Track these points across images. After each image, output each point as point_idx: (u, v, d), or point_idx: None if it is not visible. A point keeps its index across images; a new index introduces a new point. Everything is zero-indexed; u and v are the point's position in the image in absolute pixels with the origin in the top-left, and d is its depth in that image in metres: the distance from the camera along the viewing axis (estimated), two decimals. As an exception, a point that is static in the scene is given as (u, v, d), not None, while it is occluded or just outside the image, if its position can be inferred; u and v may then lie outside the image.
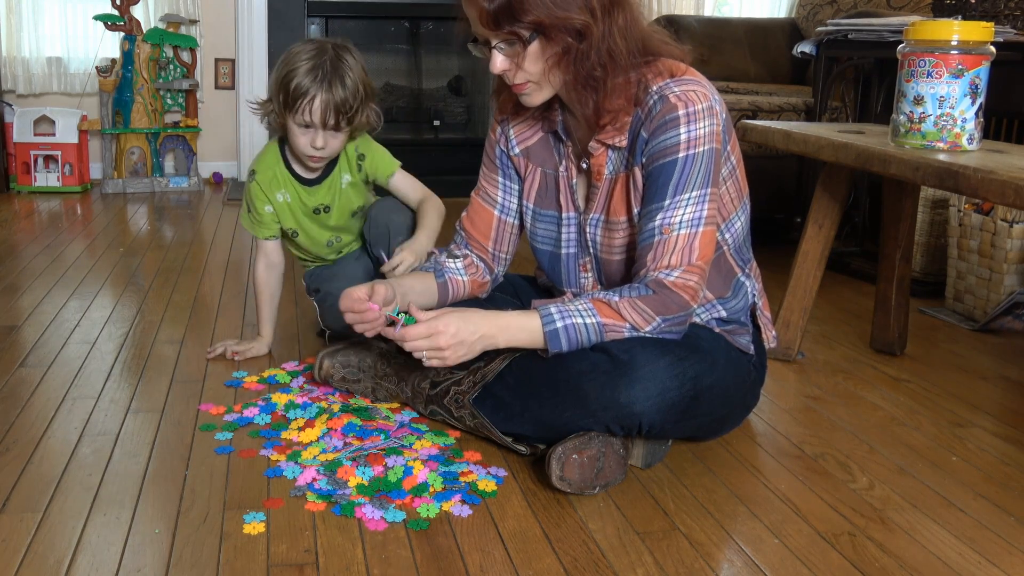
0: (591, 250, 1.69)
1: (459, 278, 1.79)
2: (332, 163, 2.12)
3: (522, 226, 1.81)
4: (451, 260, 1.80)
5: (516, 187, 1.79)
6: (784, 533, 1.45)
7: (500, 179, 1.79)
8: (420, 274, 1.77)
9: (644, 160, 1.56)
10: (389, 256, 1.95)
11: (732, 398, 1.65)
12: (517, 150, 1.75)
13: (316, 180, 2.12)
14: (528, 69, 1.53)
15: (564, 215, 1.71)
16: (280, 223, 2.14)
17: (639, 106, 1.56)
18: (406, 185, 2.16)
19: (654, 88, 1.55)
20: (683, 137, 1.52)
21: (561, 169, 1.69)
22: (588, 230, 1.68)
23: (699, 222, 1.55)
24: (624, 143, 1.59)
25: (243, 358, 2.13)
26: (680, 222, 1.54)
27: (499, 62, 1.52)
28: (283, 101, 1.95)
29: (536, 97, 1.58)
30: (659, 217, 1.55)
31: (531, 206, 1.76)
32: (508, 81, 1.57)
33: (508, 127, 1.76)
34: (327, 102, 1.93)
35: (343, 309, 1.63)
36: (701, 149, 1.53)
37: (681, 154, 1.53)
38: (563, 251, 1.73)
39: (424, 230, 2.05)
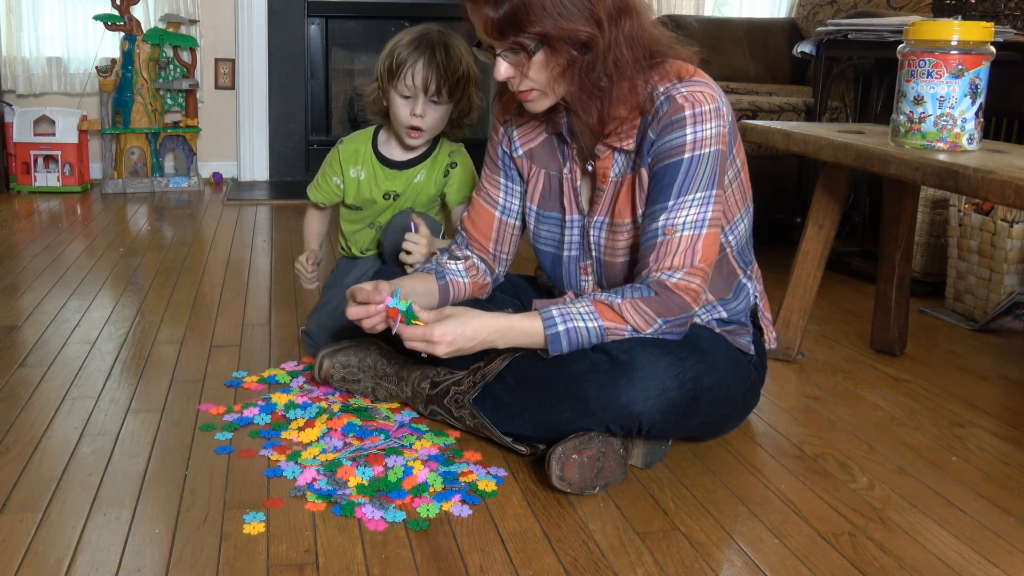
0: (593, 253, 1.69)
1: (460, 280, 1.78)
2: (422, 156, 2.12)
3: (524, 227, 1.81)
4: (453, 262, 1.80)
5: (518, 188, 1.79)
6: (784, 533, 1.45)
7: (502, 180, 1.79)
8: (422, 275, 1.77)
9: (650, 160, 1.56)
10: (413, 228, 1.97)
11: (732, 398, 1.65)
12: (520, 152, 1.75)
13: (399, 166, 2.12)
14: (533, 77, 1.52)
15: (568, 217, 1.70)
16: (344, 198, 2.17)
17: (645, 115, 1.56)
18: (460, 213, 2.10)
19: (661, 90, 1.54)
20: (689, 138, 1.52)
21: (565, 171, 1.69)
22: (592, 233, 1.67)
23: (703, 224, 1.55)
24: (631, 146, 1.58)
25: (314, 263, 2.20)
26: (684, 223, 1.54)
27: (503, 70, 1.52)
28: (387, 70, 1.99)
29: (540, 104, 1.58)
30: (663, 218, 1.55)
31: (534, 208, 1.76)
32: (512, 88, 1.56)
33: (511, 128, 1.76)
34: (429, 68, 1.96)
35: (356, 300, 1.62)
36: (707, 150, 1.53)
37: (687, 155, 1.53)
38: (565, 253, 1.72)
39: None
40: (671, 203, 1.54)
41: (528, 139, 1.74)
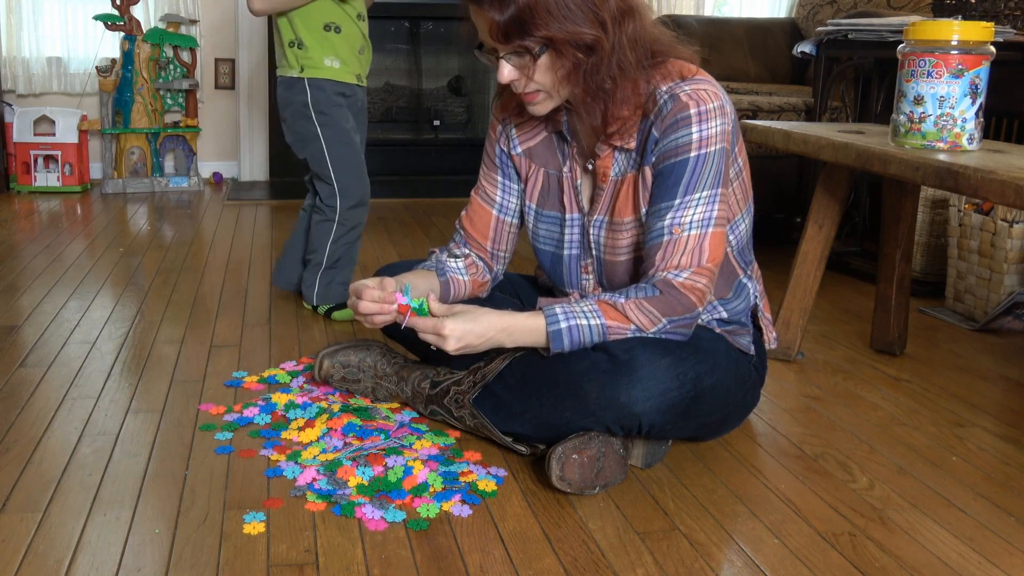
0: (594, 252, 1.69)
1: (460, 277, 1.79)
2: None
3: (521, 225, 1.81)
4: (452, 260, 1.80)
5: (516, 187, 1.79)
6: (784, 533, 1.45)
7: (499, 178, 1.79)
8: (423, 272, 1.77)
9: (655, 159, 1.56)
10: None
11: (732, 399, 1.65)
12: (519, 150, 1.75)
13: None
14: (537, 80, 1.52)
15: (568, 216, 1.70)
16: None
17: (648, 114, 1.56)
18: None
19: (663, 89, 1.54)
20: (695, 136, 1.52)
21: (565, 170, 1.69)
22: (592, 232, 1.67)
23: (709, 223, 1.55)
24: (632, 144, 1.59)
25: None
26: (691, 222, 1.54)
27: (507, 73, 1.52)
28: None
29: (544, 107, 1.58)
30: (669, 216, 1.55)
31: (533, 206, 1.76)
32: (516, 90, 1.56)
33: (509, 127, 1.76)
34: None
35: (361, 299, 1.61)
36: (712, 148, 1.53)
37: (693, 153, 1.53)
38: (565, 252, 1.72)
39: None
40: (677, 201, 1.54)
41: (527, 137, 1.74)
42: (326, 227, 2.46)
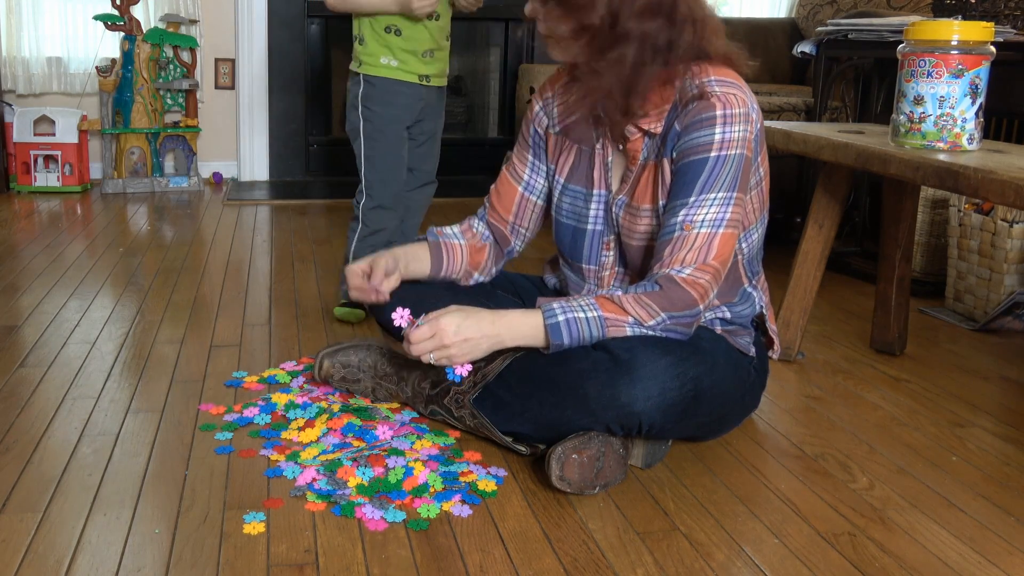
0: (616, 230, 1.70)
1: (455, 242, 1.82)
2: None
3: (546, 206, 1.83)
4: (449, 227, 1.85)
5: (543, 167, 1.80)
6: (784, 533, 1.45)
7: (530, 157, 1.81)
8: (418, 243, 1.83)
9: (675, 154, 1.57)
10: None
11: (732, 399, 1.65)
12: (558, 128, 1.76)
13: None
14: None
15: (595, 192, 1.71)
16: None
17: (675, 106, 1.58)
18: None
19: (696, 83, 1.56)
20: (717, 137, 1.54)
21: (598, 147, 1.70)
22: (615, 210, 1.69)
23: (721, 223, 1.55)
24: (659, 130, 1.60)
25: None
26: (702, 220, 1.55)
27: (529, 9, 1.58)
28: None
29: (555, 53, 1.61)
30: (682, 213, 1.56)
31: (561, 180, 1.77)
32: (540, 31, 1.60)
33: (552, 104, 1.77)
34: None
35: (350, 285, 1.74)
36: (733, 152, 1.54)
37: (713, 153, 1.54)
38: (588, 227, 1.73)
39: None
40: (692, 199, 1.55)
41: (567, 115, 1.74)
42: (353, 224, 2.47)
